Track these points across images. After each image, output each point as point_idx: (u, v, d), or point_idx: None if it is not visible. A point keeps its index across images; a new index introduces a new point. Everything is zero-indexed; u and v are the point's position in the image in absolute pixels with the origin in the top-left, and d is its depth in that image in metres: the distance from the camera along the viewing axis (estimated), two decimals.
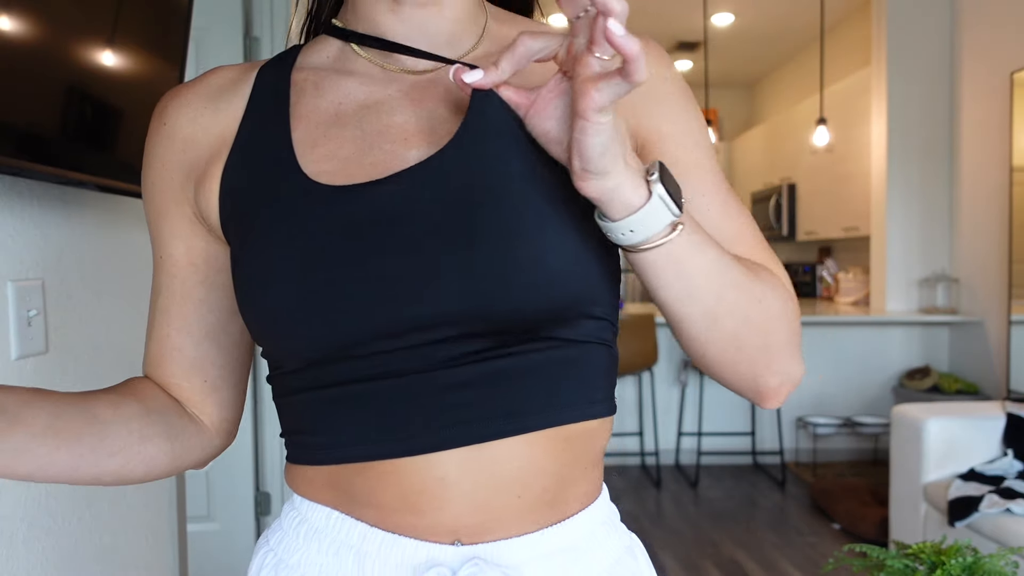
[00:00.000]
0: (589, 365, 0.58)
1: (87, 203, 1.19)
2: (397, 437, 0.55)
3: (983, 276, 3.84)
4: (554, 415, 0.56)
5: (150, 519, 1.40)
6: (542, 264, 0.53)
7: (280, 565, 0.60)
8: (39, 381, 1.06)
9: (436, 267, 0.52)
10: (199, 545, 2.55)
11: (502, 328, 0.54)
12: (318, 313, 0.53)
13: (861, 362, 4.30)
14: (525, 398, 0.55)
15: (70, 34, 0.98)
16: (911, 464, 2.73)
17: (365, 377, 0.54)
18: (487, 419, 0.54)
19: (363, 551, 0.57)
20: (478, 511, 0.55)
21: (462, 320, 0.53)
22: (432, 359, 0.54)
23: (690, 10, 5.16)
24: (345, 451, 0.56)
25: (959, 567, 1.07)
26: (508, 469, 0.55)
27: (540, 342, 0.55)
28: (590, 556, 0.59)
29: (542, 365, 0.55)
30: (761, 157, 6.54)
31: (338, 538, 0.58)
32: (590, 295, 0.56)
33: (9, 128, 0.88)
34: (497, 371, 0.54)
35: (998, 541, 2.29)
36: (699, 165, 0.61)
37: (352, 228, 0.54)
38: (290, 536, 0.61)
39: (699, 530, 3.34)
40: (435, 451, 0.54)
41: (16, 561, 0.99)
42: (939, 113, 4.14)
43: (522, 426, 0.55)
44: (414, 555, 0.55)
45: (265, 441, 2.69)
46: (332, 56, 0.64)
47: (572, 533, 0.59)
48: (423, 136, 0.57)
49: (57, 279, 1.11)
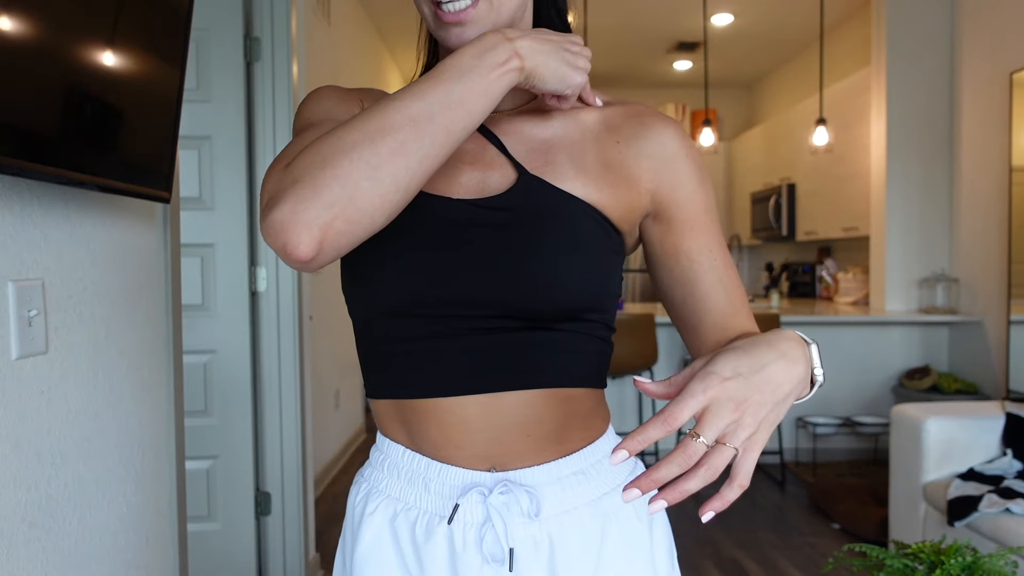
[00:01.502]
0: (582, 349, 0.78)
1: (87, 203, 1.19)
2: (435, 382, 0.75)
3: (983, 276, 3.84)
4: (549, 379, 0.76)
5: (150, 519, 1.40)
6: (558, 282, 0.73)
7: (372, 491, 0.82)
8: (39, 381, 1.06)
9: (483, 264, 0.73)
10: (199, 545, 2.56)
11: (522, 316, 0.74)
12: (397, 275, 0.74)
13: (861, 362, 4.30)
14: (530, 364, 0.75)
15: (70, 34, 0.98)
16: (911, 464, 2.73)
17: (422, 335, 0.75)
18: (499, 375, 0.74)
19: (427, 477, 0.78)
20: (497, 445, 0.76)
21: (495, 305, 0.73)
22: (468, 328, 0.74)
23: (690, 10, 5.16)
24: (401, 390, 0.78)
25: (958, 567, 1.07)
26: (516, 415, 0.75)
27: (547, 330, 0.75)
28: (596, 479, 0.80)
29: (546, 344, 0.75)
30: (761, 157, 6.54)
31: (409, 468, 0.79)
32: (589, 306, 0.76)
33: (9, 128, 0.88)
34: (511, 343, 0.74)
35: (997, 541, 2.29)
36: (708, 228, 0.80)
37: (436, 226, 0.74)
38: (377, 470, 0.83)
39: (699, 530, 3.34)
40: (460, 395, 0.75)
41: (16, 561, 0.99)
42: (939, 113, 4.14)
43: (524, 384, 0.75)
44: (461, 479, 0.76)
45: (265, 441, 2.69)
46: None
47: (579, 462, 0.79)
48: (483, 163, 0.79)
49: (57, 279, 1.11)
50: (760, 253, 7.28)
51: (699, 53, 6.18)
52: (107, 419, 1.25)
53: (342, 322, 4.59)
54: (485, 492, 0.75)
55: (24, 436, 1.02)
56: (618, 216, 0.78)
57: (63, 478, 1.11)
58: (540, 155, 0.78)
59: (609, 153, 0.80)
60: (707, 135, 5.19)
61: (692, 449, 0.57)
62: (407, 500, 0.79)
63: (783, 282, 6.20)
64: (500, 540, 0.74)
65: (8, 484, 0.98)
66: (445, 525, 0.76)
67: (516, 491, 0.75)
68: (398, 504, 0.79)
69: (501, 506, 0.75)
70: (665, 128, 0.81)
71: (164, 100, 1.25)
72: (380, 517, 0.80)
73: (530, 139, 0.80)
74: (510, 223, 0.74)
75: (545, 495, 0.77)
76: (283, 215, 0.61)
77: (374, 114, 0.64)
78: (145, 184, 1.23)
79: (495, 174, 0.77)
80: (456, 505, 0.75)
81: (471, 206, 0.75)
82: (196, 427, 2.55)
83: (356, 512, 0.83)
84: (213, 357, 2.60)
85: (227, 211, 2.59)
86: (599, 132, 0.82)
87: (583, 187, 0.76)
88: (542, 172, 0.77)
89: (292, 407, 2.69)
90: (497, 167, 0.78)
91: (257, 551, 2.68)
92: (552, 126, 0.81)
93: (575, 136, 0.81)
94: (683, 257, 0.79)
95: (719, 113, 7.51)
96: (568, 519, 0.77)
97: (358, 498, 0.84)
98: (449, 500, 0.76)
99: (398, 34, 5.64)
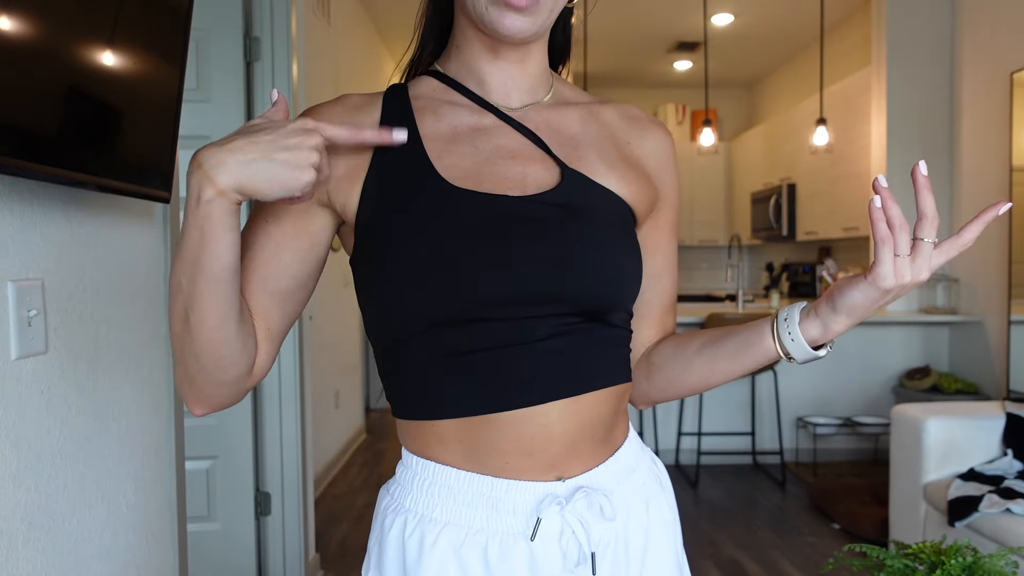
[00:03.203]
0: (625, 342, 0.80)
1: (87, 203, 1.19)
2: (512, 394, 0.71)
3: (983, 276, 3.84)
4: (613, 376, 0.77)
5: (150, 519, 1.40)
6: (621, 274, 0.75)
7: (425, 519, 0.75)
8: (39, 381, 1.06)
9: (546, 260, 0.71)
10: (199, 545, 2.55)
11: (585, 310, 0.73)
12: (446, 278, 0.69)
13: (861, 362, 4.30)
14: (597, 363, 0.75)
15: (70, 34, 0.98)
16: (911, 464, 2.73)
17: (485, 345, 0.71)
18: (575, 378, 0.73)
19: (494, 497, 0.73)
20: (571, 449, 0.74)
21: (559, 300, 0.71)
22: (535, 329, 0.71)
23: (690, 10, 5.16)
24: (474, 406, 0.72)
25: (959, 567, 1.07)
26: (589, 416, 0.75)
27: (607, 325, 0.76)
28: (639, 470, 0.82)
29: (610, 339, 0.76)
30: (761, 157, 6.54)
31: (470, 491, 0.74)
32: (633, 295, 0.78)
33: (9, 128, 0.88)
34: (580, 342, 0.73)
35: (998, 541, 2.29)
36: (676, 230, 0.89)
37: (483, 224, 0.71)
38: (424, 494, 0.76)
39: (699, 530, 3.34)
40: (541, 403, 0.72)
41: (16, 561, 0.99)
42: (939, 113, 4.14)
43: (597, 384, 0.75)
44: (533, 494, 0.73)
45: (265, 441, 2.69)
46: (437, 89, 0.81)
47: (626, 458, 0.81)
48: (523, 156, 0.77)
49: (57, 279, 1.11)
50: (760, 253, 7.28)
51: (699, 53, 6.17)
52: (107, 419, 1.24)
53: (342, 322, 4.59)
54: (562, 502, 0.73)
55: (24, 436, 1.02)
56: (642, 211, 0.81)
57: (63, 478, 1.11)
58: (572, 150, 0.79)
59: (626, 150, 0.82)
60: (707, 135, 5.19)
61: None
62: (471, 524, 0.73)
63: (783, 282, 6.20)
64: (583, 547, 0.73)
65: (8, 484, 0.98)
66: (522, 543, 0.72)
67: (594, 496, 0.74)
68: (461, 531, 0.73)
69: (582, 514, 0.73)
70: (660, 131, 0.86)
71: (164, 100, 1.25)
72: (443, 548, 0.73)
73: (559, 134, 0.80)
74: (566, 218, 0.73)
75: (614, 494, 0.77)
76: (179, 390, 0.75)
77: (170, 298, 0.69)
78: (145, 184, 1.23)
79: (537, 168, 0.76)
80: (538, 520, 0.72)
81: (526, 202, 0.73)
82: (196, 427, 2.55)
83: (409, 546, 0.75)
84: None
85: None
86: (613, 130, 0.83)
87: (616, 182, 0.78)
88: (579, 167, 0.77)
89: (292, 407, 2.69)
90: (537, 161, 0.77)
91: (257, 551, 2.68)
92: (575, 122, 0.82)
93: (595, 133, 0.82)
94: (660, 254, 0.86)
95: (719, 113, 7.51)
96: (625, 512, 0.78)
97: (408, 530, 0.75)
98: (522, 517, 0.73)
99: (398, 34, 5.64)
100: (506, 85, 0.80)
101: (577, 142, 0.80)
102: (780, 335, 0.76)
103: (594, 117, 0.83)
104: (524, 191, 0.74)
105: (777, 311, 0.77)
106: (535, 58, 0.81)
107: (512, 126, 0.79)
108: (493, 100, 0.80)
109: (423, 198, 0.72)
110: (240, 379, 0.74)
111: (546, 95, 0.83)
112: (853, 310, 0.72)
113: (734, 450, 4.37)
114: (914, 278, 0.68)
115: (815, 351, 0.75)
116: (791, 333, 0.75)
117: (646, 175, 0.82)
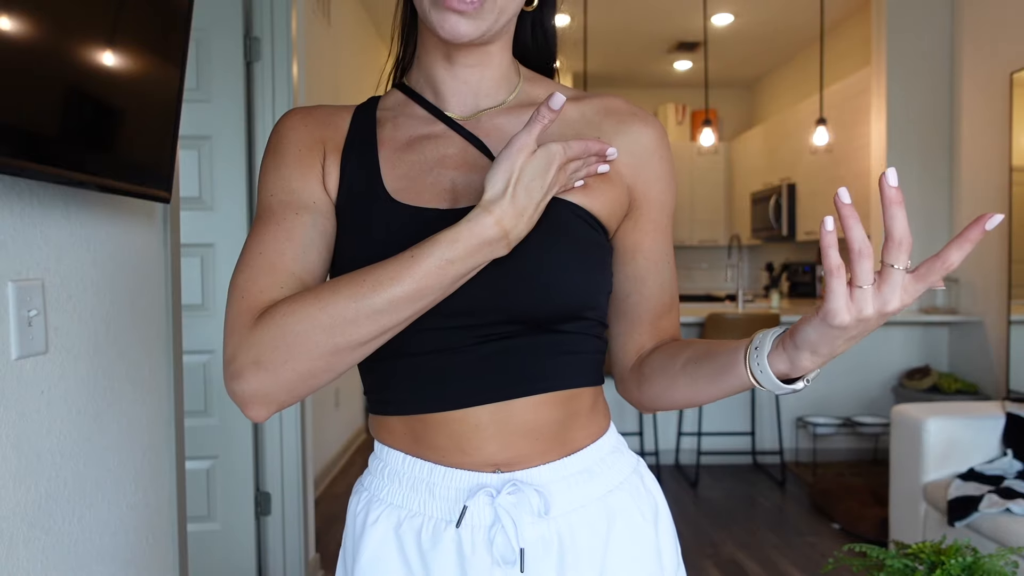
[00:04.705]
0: (582, 349, 0.79)
1: (87, 203, 1.19)
2: (442, 398, 0.75)
3: (983, 276, 3.84)
4: (554, 383, 0.77)
5: (150, 519, 1.40)
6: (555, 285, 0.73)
7: (373, 500, 0.80)
8: (39, 381, 1.06)
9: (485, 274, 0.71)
10: (199, 545, 2.55)
11: (524, 321, 0.74)
12: None
13: (861, 362, 4.30)
14: (537, 370, 0.75)
15: (70, 34, 0.98)
16: (911, 464, 2.73)
17: (424, 350, 0.74)
18: (507, 384, 0.75)
19: (431, 483, 0.76)
20: (506, 450, 0.75)
21: (493, 312, 0.73)
22: (470, 338, 0.74)
23: (690, 10, 5.16)
24: (411, 406, 0.77)
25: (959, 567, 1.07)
26: (525, 420, 0.75)
27: (550, 332, 0.76)
28: (601, 476, 0.80)
29: (550, 347, 0.76)
30: (761, 157, 6.54)
31: (412, 475, 0.78)
32: (582, 304, 0.76)
33: (9, 128, 0.88)
34: (515, 349, 0.75)
35: (997, 541, 2.29)
36: (667, 230, 0.84)
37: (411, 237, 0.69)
38: (377, 478, 0.81)
39: (699, 530, 3.34)
40: (468, 407, 0.74)
41: (16, 561, 0.99)
42: (939, 113, 4.14)
43: (531, 389, 0.75)
44: (467, 482, 0.75)
45: (265, 441, 2.69)
46: (400, 101, 0.84)
47: (584, 460, 0.79)
48: (465, 165, 0.77)
49: (57, 279, 1.11)
50: (760, 253, 7.28)
51: (699, 53, 6.17)
52: (107, 419, 1.24)
53: None
54: (493, 493, 0.74)
55: (24, 436, 1.02)
56: (605, 215, 0.78)
57: (63, 478, 1.11)
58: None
59: None
60: (707, 135, 5.19)
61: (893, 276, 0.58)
62: (411, 507, 0.77)
63: (783, 282, 6.20)
64: (511, 541, 0.73)
65: (8, 484, 0.98)
66: (453, 530, 0.75)
67: (525, 490, 0.74)
68: (402, 511, 0.78)
69: (510, 506, 0.74)
70: (644, 126, 0.81)
71: (164, 100, 1.25)
72: (383, 526, 0.78)
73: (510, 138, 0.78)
74: None
75: (553, 493, 0.76)
76: (244, 392, 0.67)
77: (352, 293, 0.65)
78: (145, 184, 1.23)
79: (477, 177, 0.76)
80: (464, 508, 0.74)
81: (454, 215, 0.72)
82: (196, 427, 2.55)
83: (357, 522, 0.81)
84: (213, 357, 2.60)
85: (227, 211, 2.58)
86: (580, 129, 0.81)
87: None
88: None
89: (292, 407, 2.69)
90: (479, 170, 0.76)
91: (257, 551, 2.68)
92: None
93: (555, 134, 0.79)
94: (641, 256, 0.83)
95: (719, 113, 7.51)
96: (576, 517, 0.77)
97: (359, 508, 0.82)
98: (455, 504, 0.75)
99: None
100: (460, 92, 0.80)
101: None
102: (750, 364, 0.67)
103: (559, 117, 0.80)
104: (457, 203, 0.75)
105: (753, 336, 0.68)
106: (494, 60, 0.80)
107: (460, 134, 0.79)
108: (446, 108, 0.81)
109: (365, 208, 0.76)
110: None
111: (508, 97, 0.82)
112: (815, 347, 0.61)
113: (734, 450, 4.37)
114: (880, 309, 0.57)
115: (788, 384, 0.65)
116: (759, 364, 0.65)
117: (615, 175, 0.79)
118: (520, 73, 0.84)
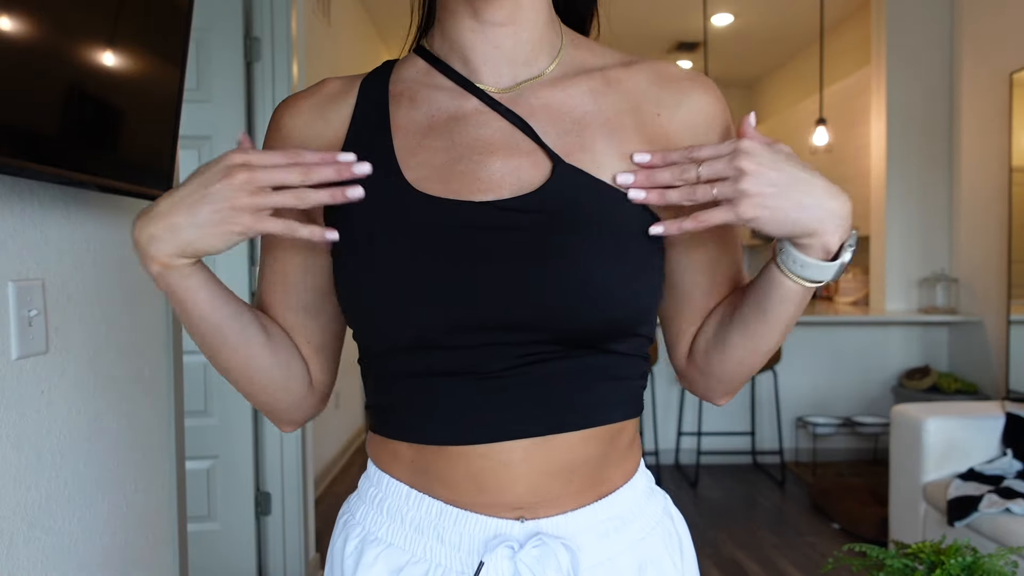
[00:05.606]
0: (630, 374, 0.68)
1: (87, 203, 1.19)
2: (464, 428, 0.64)
3: (983, 276, 3.84)
4: (601, 415, 0.66)
5: (150, 519, 1.40)
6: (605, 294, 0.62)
7: (369, 539, 0.69)
8: (39, 381, 1.06)
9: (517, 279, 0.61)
10: (199, 545, 2.55)
11: (565, 339, 0.63)
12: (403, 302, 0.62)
13: (861, 362, 4.30)
14: (579, 399, 0.65)
15: (70, 34, 0.98)
16: (911, 464, 2.73)
17: (447, 371, 0.63)
18: (547, 416, 0.64)
19: (440, 527, 0.66)
20: (536, 492, 0.64)
21: (534, 329, 0.62)
22: (506, 358, 0.62)
23: (690, 10, 5.15)
24: (427, 434, 0.66)
25: (958, 567, 1.07)
26: (562, 458, 0.65)
27: (595, 352, 0.64)
28: (634, 522, 0.70)
29: (594, 371, 0.65)
30: None
31: (417, 515, 0.67)
32: (637, 317, 0.65)
33: (9, 128, 0.88)
34: (557, 373, 0.63)
35: (997, 541, 2.29)
36: None
37: (446, 235, 0.62)
38: (374, 511, 0.70)
39: (699, 530, 3.34)
40: (502, 441, 0.63)
41: (16, 561, 0.99)
42: (939, 113, 4.14)
43: (575, 423, 0.64)
44: (483, 530, 0.65)
45: (265, 441, 2.69)
46: (422, 71, 0.71)
47: (618, 505, 0.69)
48: (506, 150, 0.65)
49: (57, 279, 1.11)
50: (760, 253, 7.28)
51: (699, 53, 6.17)
52: (107, 419, 1.24)
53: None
54: (514, 547, 0.63)
55: (24, 436, 1.02)
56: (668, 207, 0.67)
57: (63, 478, 1.11)
58: (575, 137, 0.66)
59: (651, 127, 0.68)
60: None
61: (687, 169, 0.61)
62: (414, 551, 0.67)
63: None
64: None
65: (8, 484, 0.98)
66: None
67: (551, 543, 0.63)
68: (403, 556, 0.67)
69: (534, 562, 0.63)
70: (700, 93, 0.70)
71: (164, 100, 1.25)
72: (381, 570, 0.67)
73: (560, 118, 0.67)
74: (546, 228, 0.62)
75: (583, 546, 0.65)
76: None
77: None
78: (145, 184, 1.23)
79: (523, 164, 0.64)
80: (481, 563, 0.63)
81: (497, 210, 0.62)
82: (196, 427, 2.55)
83: (347, 563, 0.70)
84: None
85: None
86: (637, 101, 0.68)
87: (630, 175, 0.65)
88: (579, 160, 0.64)
89: None
90: (524, 156, 0.65)
91: (257, 551, 2.68)
92: (585, 97, 0.68)
93: (610, 110, 0.67)
94: (711, 243, 0.71)
95: None
96: (603, 571, 0.66)
97: (349, 546, 0.71)
98: (468, 555, 0.65)
99: (398, 34, 5.63)
100: (493, 58, 0.68)
101: (584, 125, 0.66)
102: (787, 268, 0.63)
103: (613, 87, 0.68)
104: (499, 195, 0.63)
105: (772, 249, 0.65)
106: (529, 17, 0.67)
107: (499, 112, 0.66)
108: (479, 80, 0.68)
109: (381, 204, 0.63)
110: (301, 397, 0.74)
111: (550, 65, 0.69)
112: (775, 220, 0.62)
113: (734, 450, 4.37)
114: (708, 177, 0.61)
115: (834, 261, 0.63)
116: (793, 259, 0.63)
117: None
118: (561, 33, 0.72)
